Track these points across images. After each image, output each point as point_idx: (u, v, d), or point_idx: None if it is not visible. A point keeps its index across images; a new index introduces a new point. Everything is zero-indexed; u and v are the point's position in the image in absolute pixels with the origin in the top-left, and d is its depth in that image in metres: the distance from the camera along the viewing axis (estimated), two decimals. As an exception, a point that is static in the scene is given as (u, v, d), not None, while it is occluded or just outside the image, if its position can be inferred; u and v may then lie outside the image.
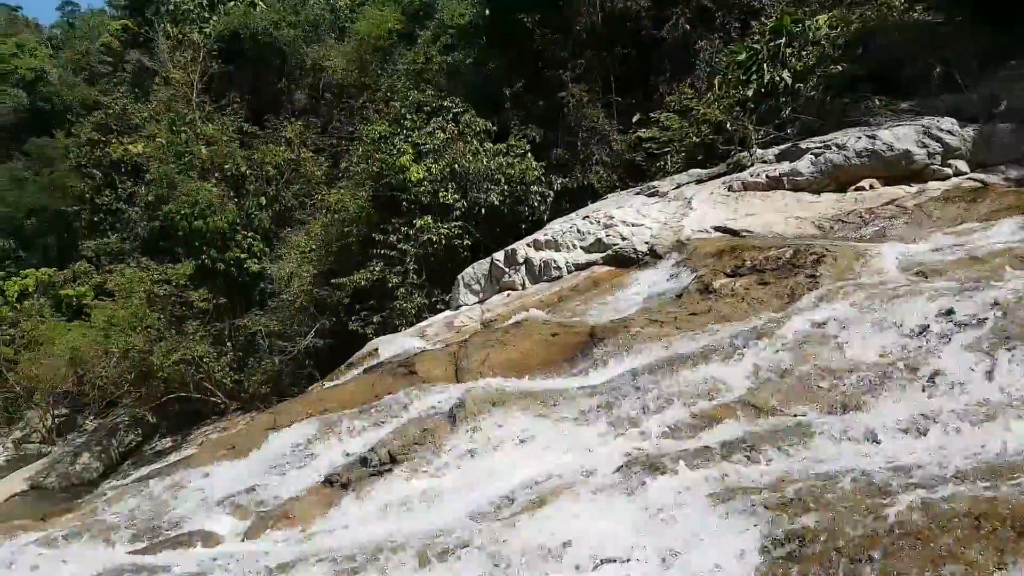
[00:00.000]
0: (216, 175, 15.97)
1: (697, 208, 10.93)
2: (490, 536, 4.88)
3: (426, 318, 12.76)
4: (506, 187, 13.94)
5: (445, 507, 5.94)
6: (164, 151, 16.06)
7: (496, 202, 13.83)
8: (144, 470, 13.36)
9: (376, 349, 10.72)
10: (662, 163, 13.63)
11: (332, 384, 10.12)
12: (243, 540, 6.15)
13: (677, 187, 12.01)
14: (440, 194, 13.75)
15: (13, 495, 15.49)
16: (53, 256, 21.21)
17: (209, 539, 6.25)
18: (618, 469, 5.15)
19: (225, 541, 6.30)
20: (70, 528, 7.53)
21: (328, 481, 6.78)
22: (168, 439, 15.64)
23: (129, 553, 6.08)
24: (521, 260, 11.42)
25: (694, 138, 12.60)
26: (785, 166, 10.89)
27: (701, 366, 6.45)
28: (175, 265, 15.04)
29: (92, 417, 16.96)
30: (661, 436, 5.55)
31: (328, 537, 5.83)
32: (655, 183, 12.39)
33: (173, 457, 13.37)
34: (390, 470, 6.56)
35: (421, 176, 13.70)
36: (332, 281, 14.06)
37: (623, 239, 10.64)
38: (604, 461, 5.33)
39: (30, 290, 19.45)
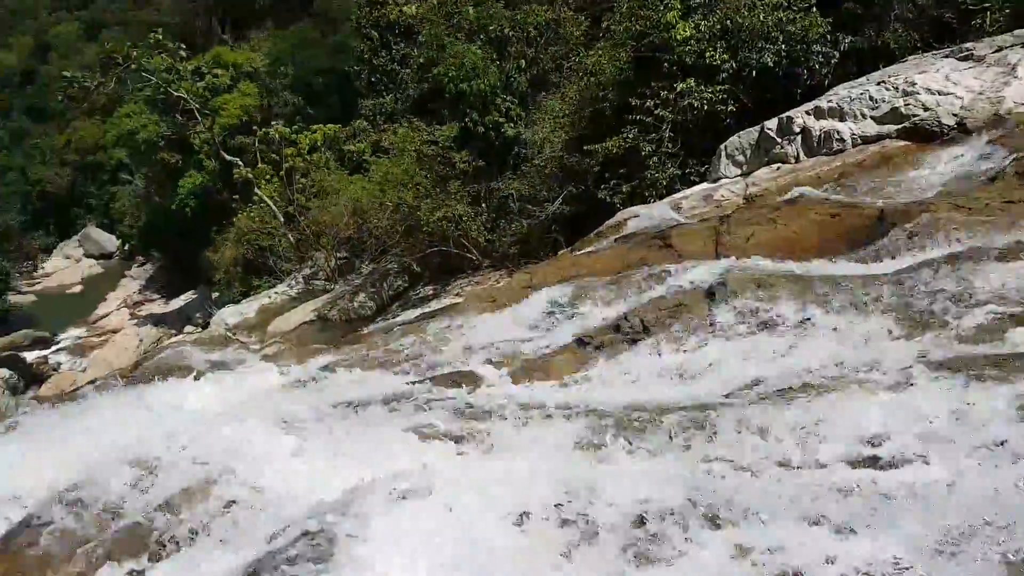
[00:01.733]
0: (481, 37, 16.26)
1: (1024, 77, 9.11)
2: (755, 413, 4.74)
3: (679, 190, 12.30)
4: (783, 46, 12.52)
5: (698, 383, 5.87)
6: (435, 12, 16.61)
7: (770, 63, 12.52)
8: (409, 312, 14.69)
9: (627, 219, 10.60)
10: (979, 21, 11.43)
11: (584, 251, 10.26)
12: (505, 386, 6.63)
13: (998, 51, 10.03)
14: (707, 54, 12.73)
15: (304, 322, 17.78)
16: (337, 113, 23.37)
17: (475, 380, 6.82)
18: (907, 368, 4.64)
19: (487, 383, 6.84)
20: (358, 355, 8.64)
21: (582, 342, 6.99)
22: (429, 287, 16.86)
23: (409, 384, 6.84)
24: (797, 130, 10.40)
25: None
26: None
27: (1017, 263, 5.54)
28: (441, 127, 15.76)
29: (368, 262, 18.79)
30: (963, 339, 4.89)
31: (582, 393, 6.08)
32: (969, 44, 10.43)
33: (434, 303, 14.54)
34: (643, 339, 6.59)
35: (688, 34, 12.74)
36: (585, 147, 13.93)
37: (925, 109, 9.22)
38: (891, 360, 4.84)
39: (319, 143, 21.71)
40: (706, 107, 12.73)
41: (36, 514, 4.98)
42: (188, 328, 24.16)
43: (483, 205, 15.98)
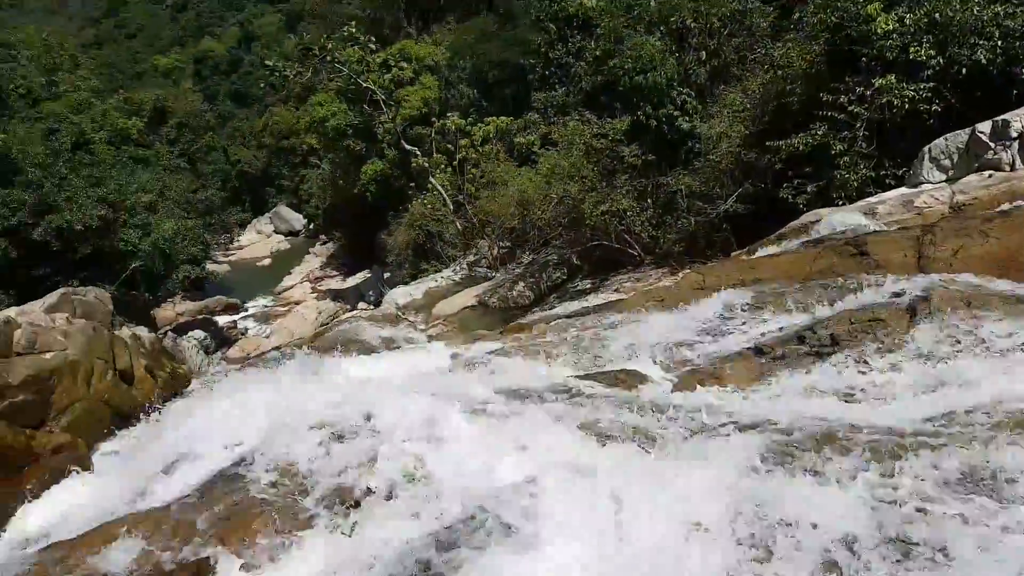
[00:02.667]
0: (661, 29, 15.90)
1: None
2: (956, 444, 4.27)
3: (872, 193, 11.36)
4: (1000, 43, 11.23)
5: (893, 405, 5.38)
6: (615, 4, 16.45)
7: (983, 60, 11.27)
8: (567, 304, 14.70)
9: (813, 222, 9.94)
10: None
11: (763, 254, 9.73)
12: (672, 390, 6.42)
13: None
14: (911, 49, 11.65)
15: (465, 307, 18.29)
16: (509, 106, 23.83)
17: (639, 380, 6.66)
18: None
19: (653, 385, 6.66)
20: (521, 344, 8.72)
21: (759, 350, 6.63)
22: (587, 281, 16.75)
23: (574, 377, 6.81)
24: (1014, 134, 9.28)
25: None
26: None
27: None
28: (612, 120, 15.58)
29: (528, 252, 19.00)
30: None
31: (759, 405, 5.75)
32: None
33: (591, 297, 14.45)
34: (831, 353, 6.13)
35: (890, 27, 11.72)
36: (767, 143, 13.21)
37: None
38: None
39: (491, 136, 22.27)
40: (907, 106, 11.65)
41: (232, 469, 5.45)
42: (361, 305, 25.61)
43: (649, 200, 15.64)
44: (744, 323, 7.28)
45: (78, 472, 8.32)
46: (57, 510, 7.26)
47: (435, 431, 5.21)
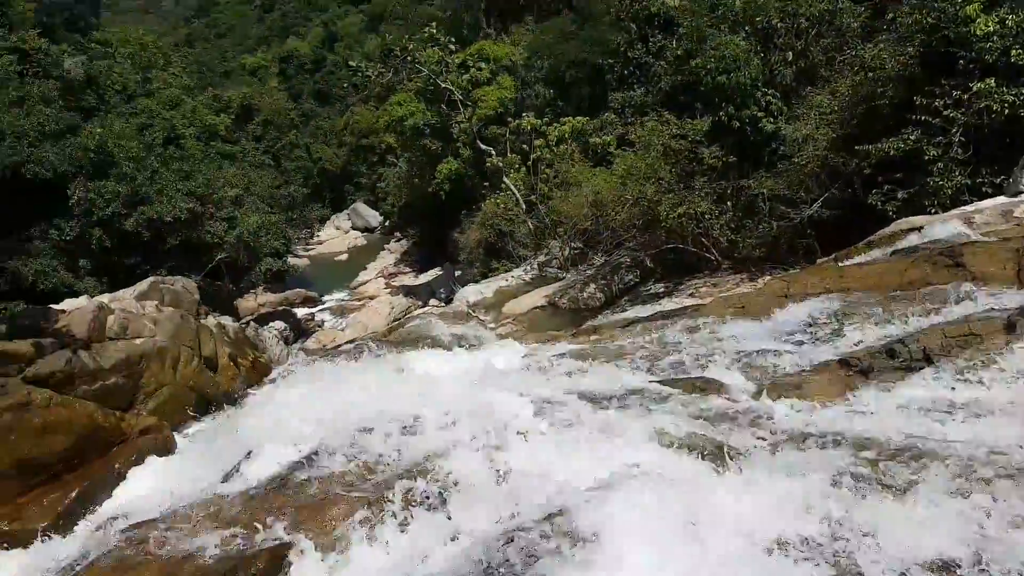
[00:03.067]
0: (746, 28, 15.48)
1: None
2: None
3: (967, 201, 10.78)
4: (1111, 46, 10.51)
5: (988, 424, 5.09)
6: (699, 3, 16.13)
7: (1092, 65, 10.57)
8: (639, 308, 14.47)
9: (905, 230, 9.50)
10: None
11: (851, 262, 9.36)
12: (754, 399, 6.24)
13: None
14: (1012, 52, 11.01)
15: (535, 307, 18.21)
16: (585, 106, 23.66)
17: (717, 388, 6.50)
18: None
19: (732, 395, 6.49)
20: (594, 346, 8.64)
21: (845, 363, 6.38)
22: (661, 284, 16.45)
23: (649, 382, 6.70)
24: None
25: None
26: None
27: None
28: (692, 121, 15.27)
29: (601, 254, 18.81)
30: None
31: (845, 420, 5.53)
32: None
33: (665, 301, 14.20)
34: (922, 368, 5.84)
35: (991, 29, 11.10)
36: (855, 147, 12.71)
37: None
38: None
39: (566, 136, 22.16)
40: (1007, 111, 11.02)
41: (311, 458, 5.60)
42: (432, 301, 25.90)
43: (729, 203, 15.27)
44: (830, 334, 7.01)
45: (163, 454, 8.69)
46: (143, 489, 7.61)
47: (508, 430, 5.21)
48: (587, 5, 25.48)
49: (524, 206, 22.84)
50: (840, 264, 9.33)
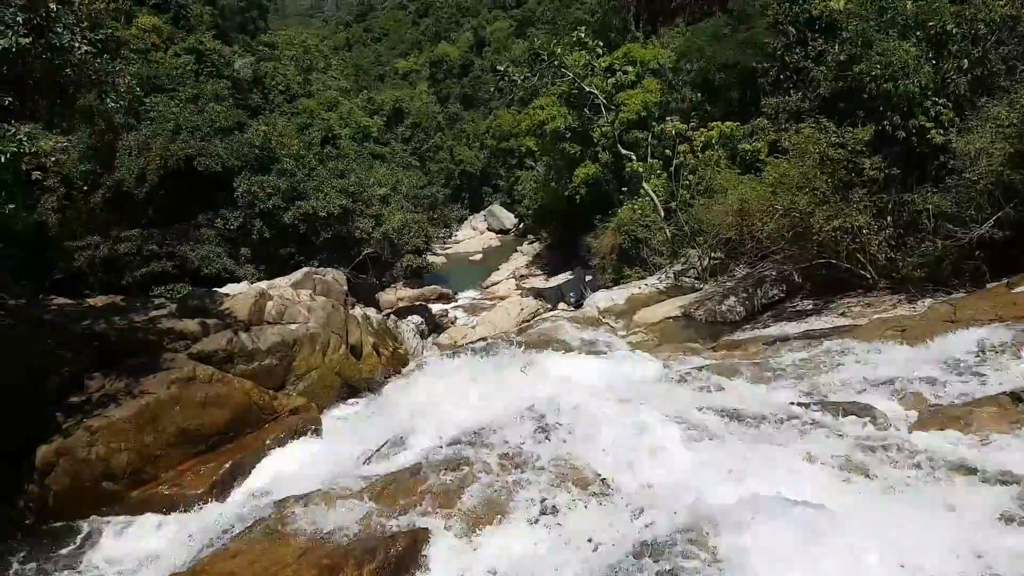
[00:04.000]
0: (917, 34, 14.40)
1: None
2: None
3: None
4: None
5: None
6: (865, 7, 15.15)
7: None
8: (784, 325, 13.83)
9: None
10: None
11: (1030, 287, 8.50)
12: (909, 430, 5.80)
13: None
14: None
15: (669, 317, 17.78)
16: (735, 110, 22.84)
17: (871, 415, 6.09)
18: None
19: (887, 422, 6.05)
20: (736, 362, 8.32)
21: (1017, 397, 5.79)
22: (809, 301, 15.68)
23: (796, 404, 6.37)
24: None
25: None
26: None
27: None
28: (853, 129, 14.39)
29: (743, 266, 18.12)
30: None
31: (1011, 456, 5.02)
32: None
33: (813, 320, 13.51)
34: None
35: None
36: (1038, 163, 11.52)
37: None
38: None
39: (713, 141, 21.51)
40: None
41: (448, 448, 5.75)
42: (561, 305, 25.95)
43: (889, 218, 14.28)
44: (1000, 365, 6.39)
45: (310, 434, 9.21)
46: (289, 465, 8.09)
47: (645, 440, 5.12)
48: (742, 7, 24.61)
49: (663, 212, 22.40)
50: (1014, 290, 8.47)
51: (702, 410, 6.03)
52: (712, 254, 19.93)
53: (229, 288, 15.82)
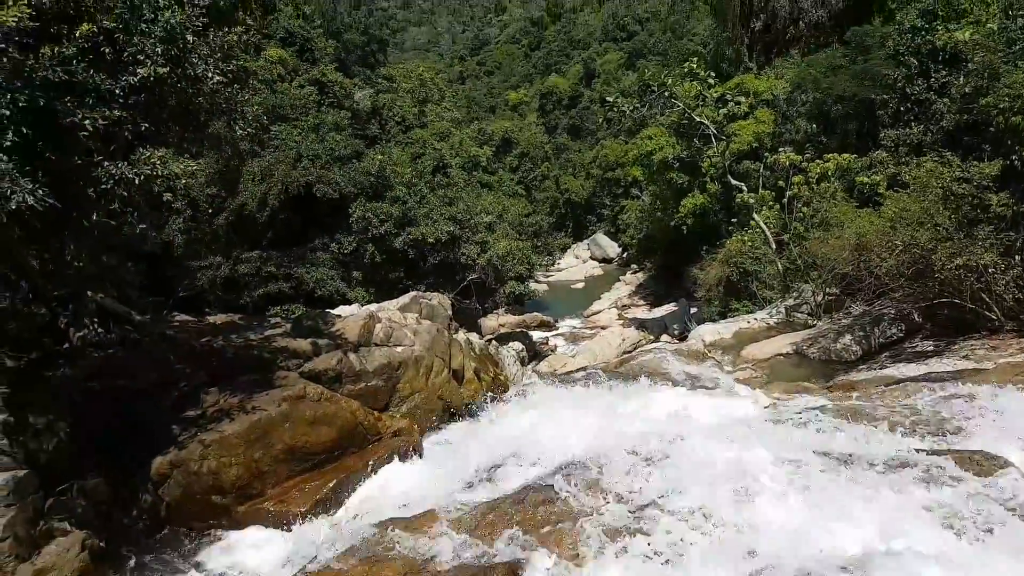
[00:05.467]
0: (1052, 64, 13.51)
1: None
2: None
3: None
4: None
5: None
6: (992, 38, 14.32)
7: None
8: (903, 366, 13.15)
9: None
10: None
11: None
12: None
13: None
14: None
15: (779, 354, 17.12)
16: (852, 142, 21.99)
17: (999, 466, 5.70)
18: None
19: (1019, 474, 5.64)
20: (852, 403, 7.97)
21: None
22: (929, 342, 14.82)
23: (915, 450, 6.04)
24: None
25: None
26: None
27: None
28: (978, 163, 13.60)
29: (860, 303, 17.32)
30: None
31: None
32: None
33: (933, 362, 12.78)
34: None
35: None
36: None
37: None
38: None
39: (829, 173, 20.75)
40: None
41: (548, 478, 5.80)
42: (664, 337, 25.53)
43: (1017, 257, 13.38)
44: None
45: (412, 456, 9.37)
46: (392, 487, 8.25)
47: (749, 481, 5.00)
48: (860, 38, 23.79)
49: (774, 245, 21.75)
50: None
51: (810, 451, 5.82)
52: (827, 289, 19.18)
53: (341, 310, 16.56)
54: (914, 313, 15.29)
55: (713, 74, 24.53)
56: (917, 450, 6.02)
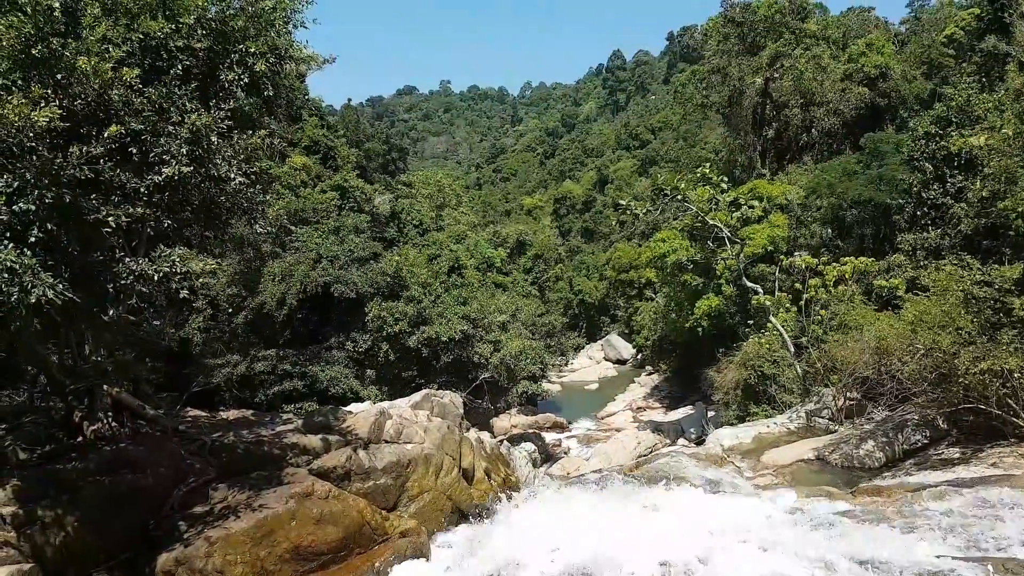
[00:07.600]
0: (1070, 168, 13.69)
1: None
2: None
3: None
4: None
5: None
6: (1009, 143, 14.59)
7: None
8: (928, 473, 12.66)
9: None
10: None
11: None
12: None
13: None
14: None
15: (800, 459, 16.61)
16: (868, 246, 22.13)
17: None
18: None
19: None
20: (878, 509, 7.59)
21: None
22: (956, 449, 14.37)
23: (944, 557, 5.68)
24: None
25: None
26: None
27: None
28: (999, 267, 13.55)
29: (882, 408, 16.92)
30: None
31: None
32: None
33: (960, 469, 12.31)
34: None
35: None
36: None
37: None
38: None
39: (846, 276, 20.75)
40: None
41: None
42: (681, 441, 24.93)
43: (1044, 362, 13.07)
44: None
45: (418, 558, 9.01)
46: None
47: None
48: (874, 145, 24.36)
49: (792, 348, 21.48)
50: None
51: (837, 558, 5.47)
52: (848, 394, 18.80)
53: (353, 407, 16.34)
54: (939, 419, 14.90)
55: (726, 179, 25.03)
56: (953, 557, 5.66)
